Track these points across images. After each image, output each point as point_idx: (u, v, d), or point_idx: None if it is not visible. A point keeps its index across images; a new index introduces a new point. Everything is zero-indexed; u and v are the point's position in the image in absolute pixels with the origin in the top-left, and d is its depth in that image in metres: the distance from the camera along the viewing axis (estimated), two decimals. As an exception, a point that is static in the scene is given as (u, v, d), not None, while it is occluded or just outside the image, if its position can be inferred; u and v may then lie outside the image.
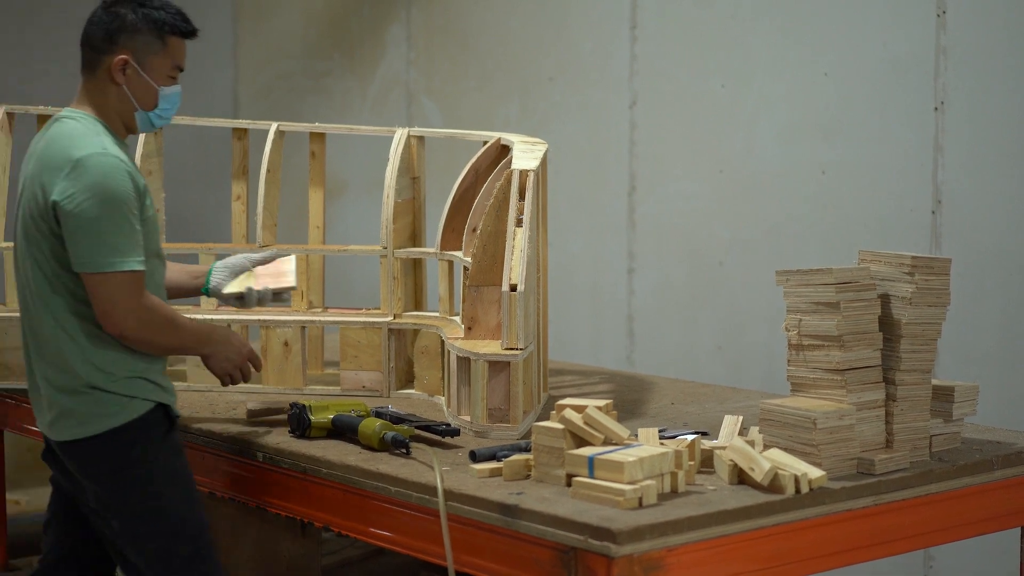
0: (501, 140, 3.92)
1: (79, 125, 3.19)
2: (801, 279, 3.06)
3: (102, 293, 3.08)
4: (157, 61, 3.25)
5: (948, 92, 4.61)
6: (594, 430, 2.93)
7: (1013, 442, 3.31)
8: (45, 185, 3.11)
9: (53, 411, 3.19)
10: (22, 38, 7.36)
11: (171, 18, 3.26)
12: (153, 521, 3.18)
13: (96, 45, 3.24)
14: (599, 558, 2.60)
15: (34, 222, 3.15)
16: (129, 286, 3.09)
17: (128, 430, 3.17)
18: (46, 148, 3.17)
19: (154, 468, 3.19)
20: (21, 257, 3.23)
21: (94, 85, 3.26)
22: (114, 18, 3.22)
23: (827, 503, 2.87)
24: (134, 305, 3.09)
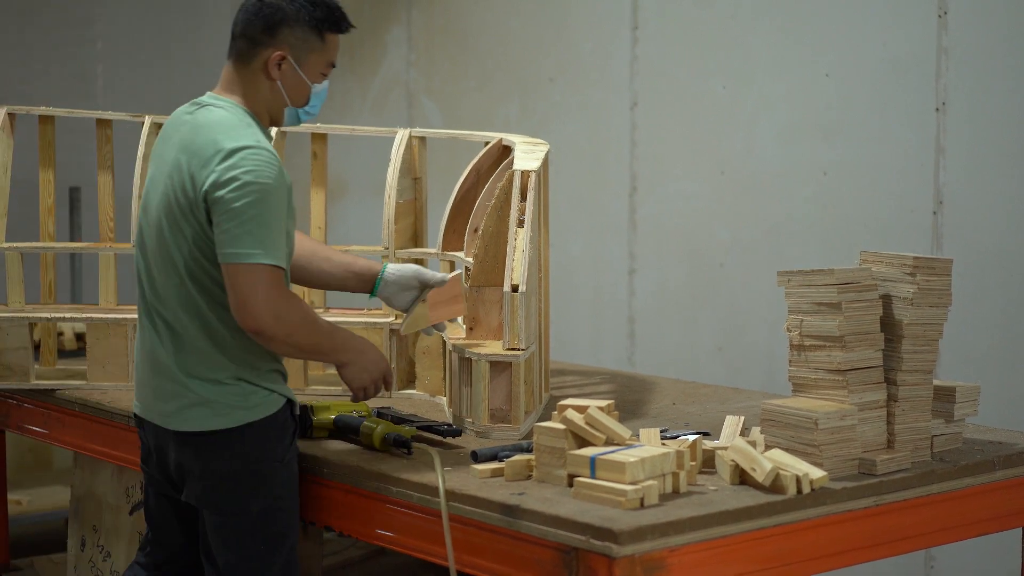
0: (503, 141, 3.93)
1: (228, 115, 3.12)
2: (803, 280, 3.06)
3: (241, 285, 2.99)
4: (313, 58, 3.19)
5: (949, 93, 4.62)
6: (596, 430, 2.93)
7: (1014, 442, 3.31)
8: (195, 175, 3.03)
9: (181, 401, 3.12)
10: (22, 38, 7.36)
11: (331, 15, 3.18)
12: (262, 523, 3.14)
13: (253, 36, 3.15)
14: (601, 558, 2.61)
15: (180, 210, 3.07)
16: (270, 281, 3.00)
17: (265, 425, 3.13)
18: (192, 135, 3.09)
19: (278, 468, 3.16)
20: (155, 244, 3.13)
21: (245, 75, 3.18)
22: (275, 11, 3.14)
23: (828, 503, 2.88)
24: (273, 300, 3.00)
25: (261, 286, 3.00)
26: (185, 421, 3.13)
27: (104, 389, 4.02)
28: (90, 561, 4.27)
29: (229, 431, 3.11)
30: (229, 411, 3.11)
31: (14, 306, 4.09)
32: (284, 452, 3.18)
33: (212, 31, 7.66)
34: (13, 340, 4.04)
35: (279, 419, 3.16)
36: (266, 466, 3.14)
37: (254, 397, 3.13)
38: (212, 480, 3.13)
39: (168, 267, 3.12)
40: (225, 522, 3.14)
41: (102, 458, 3.99)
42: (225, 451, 3.12)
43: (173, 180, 3.10)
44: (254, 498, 3.13)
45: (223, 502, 3.14)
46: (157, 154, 3.21)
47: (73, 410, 3.99)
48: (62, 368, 4.33)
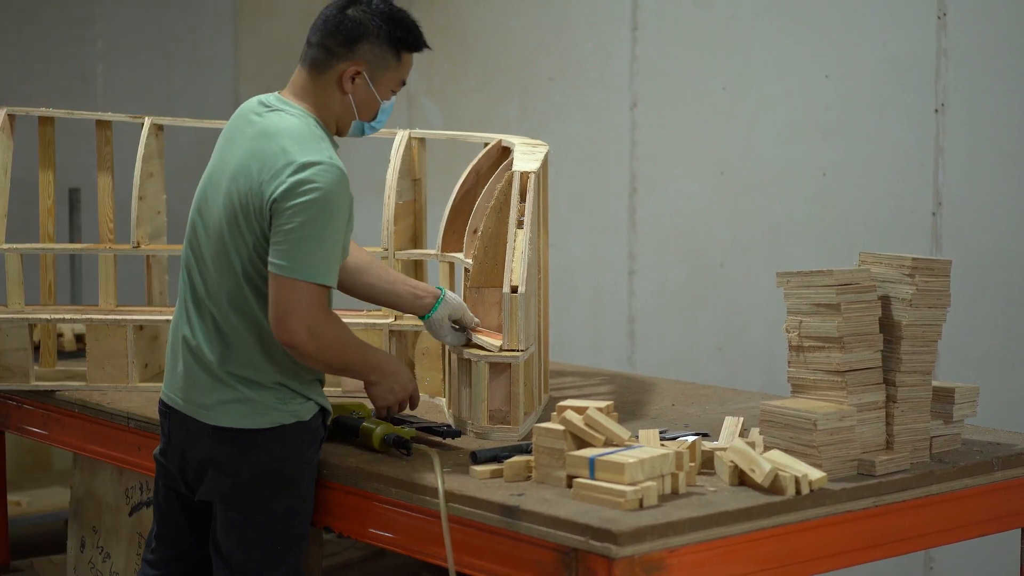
0: (502, 142, 3.93)
1: (300, 124, 3.11)
2: (802, 281, 3.07)
3: (283, 299, 3.01)
4: (388, 76, 3.21)
5: (949, 94, 4.62)
6: (595, 431, 2.93)
7: (1013, 443, 3.31)
8: (263, 184, 3.03)
9: (222, 395, 3.13)
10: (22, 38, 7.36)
11: (410, 35, 3.20)
12: (283, 523, 3.15)
13: (332, 48, 3.14)
14: (600, 559, 2.61)
15: (244, 214, 3.07)
16: (312, 299, 3.02)
17: (299, 429, 3.15)
18: (262, 140, 3.09)
19: (305, 472, 3.18)
20: (214, 243, 3.13)
21: (317, 84, 3.17)
22: (357, 25, 3.14)
23: (827, 504, 2.88)
24: (311, 318, 3.02)
25: (303, 303, 3.01)
26: (224, 416, 3.14)
27: (104, 390, 4.03)
28: (89, 562, 4.27)
29: (265, 431, 3.13)
30: (267, 412, 3.13)
31: (14, 307, 4.09)
32: (313, 456, 3.20)
33: (212, 31, 7.66)
34: (13, 341, 4.04)
35: (312, 425, 3.19)
36: (294, 468, 3.16)
37: (292, 402, 3.15)
38: (242, 477, 3.14)
39: (225, 267, 3.12)
40: (247, 520, 3.15)
41: (102, 459, 3.99)
42: (258, 450, 3.13)
43: (239, 183, 3.09)
44: (279, 499, 3.15)
45: (249, 500, 3.15)
46: (220, 153, 3.20)
47: (73, 411, 4.00)
48: (62, 369, 4.33)
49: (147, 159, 4.18)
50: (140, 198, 4.13)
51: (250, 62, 7.67)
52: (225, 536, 3.17)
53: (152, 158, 4.21)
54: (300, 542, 3.19)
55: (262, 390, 3.13)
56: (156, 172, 4.24)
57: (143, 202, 4.14)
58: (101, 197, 4.30)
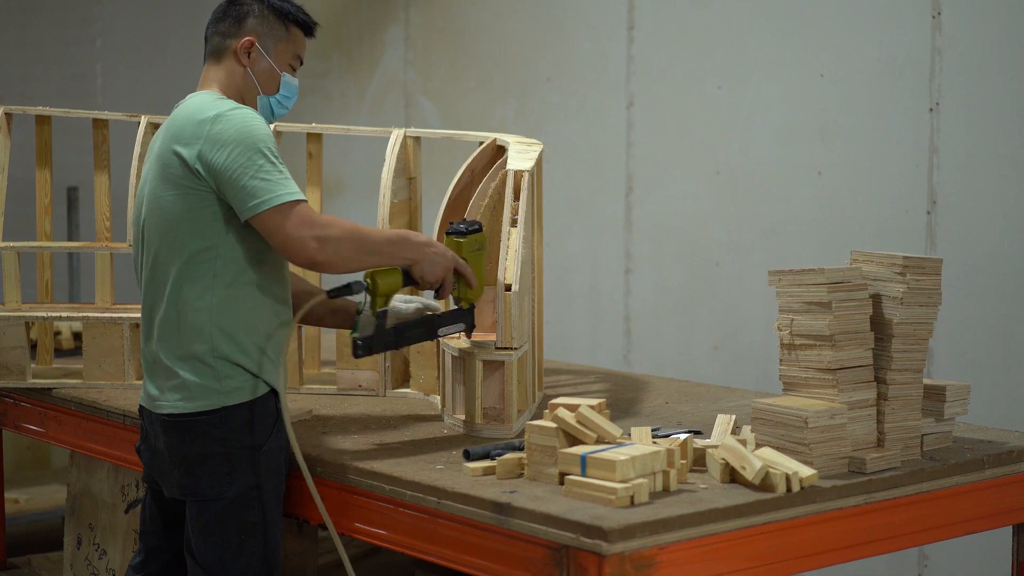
0: (497, 141, 3.94)
1: (202, 96, 3.25)
2: (793, 279, 3.08)
3: (275, 229, 3.08)
4: (281, 47, 3.36)
5: (943, 93, 4.63)
6: (587, 429, 2.94)
7: (1004, 441, 3.32)
8: (181, 151, 3.14)
9: (165, 383, 3.18)
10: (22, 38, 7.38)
11: (295, 9, 3.39)
12: (237, 510, 3.16)
13: (223, 31, 3.34)
14: (591, 556, 2.62)
15: (167, 188, 3.15)
16: (297, 216, 3.08)
17: (241, 411, 3.17)
18: (172, 124, 3.21)
19: (255, 455, 3.18)
20: (143, 235, 3.23)
21: (219, 70, 3.34)
22: (241, 6, 3.34)
23: (818, 502, 2.89)
24: (308, 229, 3.08)
25: (291, 221, 3.08)
26: (166, 404, 3.19)
27: (100, 388, 4.04)
28: (86, 559, 4.29)
29: (204, 414, 3.15)
30: (204, 394, 3.15)
31: (11, 305, 4.11)
32: (262, 440, 3.19)
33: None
34: (10, 339, 4.05)
35: (256, 407, 3.19)
36: (239, 452, 3.17)
37: (230, 382, 3.16)
38: (189, 464, 3.17)
39: (148, 254, 3.22)
40: (204, 509, 3.17)
41: (98, 457, 4.00)
42: (200, 434, 3.16)
43: (159, 165, 3.19)
44: (227, 484, 3.16)
45: (200, 487, 3.17)
46: (146, 164, 3.31)
47: (69, 409, 4.01)
48: (59, 367, 4.35)
49: (143, 157, 4.18)
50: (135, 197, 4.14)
51: (249, 62, 7.68)
52: (191, 530, 3.21)
53: (149, 157, 4.22)
54: (258, 532, 3.18)
55: (199, 368, 3.14)
56: (153, 171, 4.25)
57: (139, 201, 4.15)
58: (98, 196, 4.32)
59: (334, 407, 3.76)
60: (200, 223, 3.15)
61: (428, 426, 3.52)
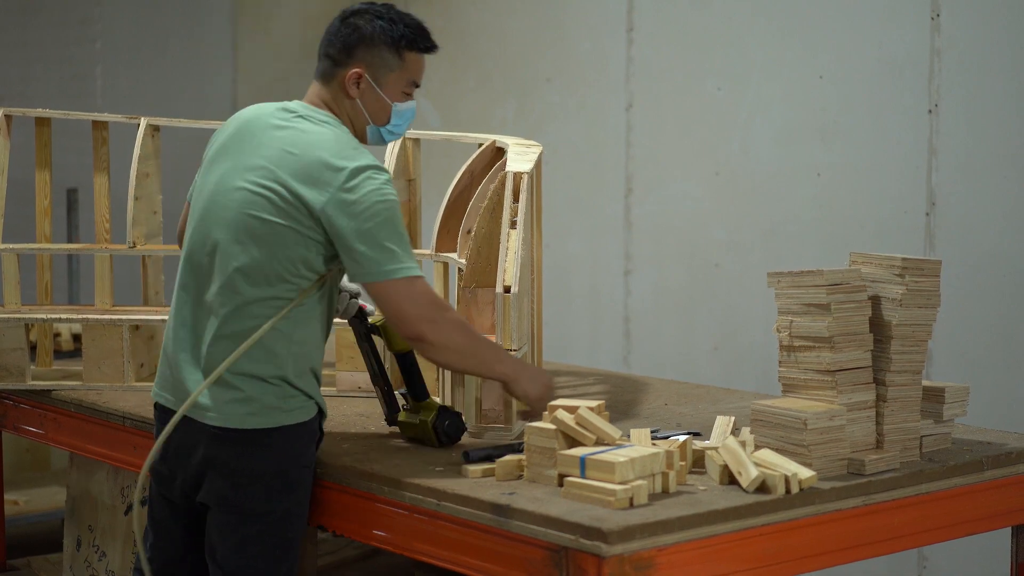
0: (496, 142, 3.94)
1: (334, 131, 3.13)
2: (792, 281, 3.08)
3: (392, 300, 3.06)
4: (393, 77, 3.21)
5: (942, 94, 4.63)
6: (586, 431, 2.94)
7: (1003, 443, 3.32)
8: (302, 192, 3.03)
9: (224, 395, 3.09)
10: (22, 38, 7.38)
11: (409, 33, 3.22)
12: (281, 526, 3.14)
13: (334, 56, 3.19)
14: (590, 557, 2.62)
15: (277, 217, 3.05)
16: (418, 290, 3.06)
17: (301, 430, 3.14)
18: (296, 147, 3.08)
19: (305, 475, 3.17)
20: (229, 243, 3.10)
21: (328, 93, 3.22)
22: (352, 31, 3.18)
23: (817, 503, 2.89)
24: (424, 307, 3.07)
25: (409, 296, 3.06)
26: (225, 417, 3.11)
27: (100, 390, 4.04)
28: (85, 561, 4.29)
29: (268, 431, 3.11)
30: (270, 412, 3.11)
31: (10, 307, 4.11)
32: (311, 459, 3.20)
33: (211, 32, 7.67)
34: (9, 341, 4.05)
35: (311, 426, 3.18)
36: (295, 471, 3.15)
37: (294, 401, 3.14)
38: (242, 479, 3.11)
39: (224, 263, 3.10)
40: (245, 524, 3.13)
41: (98, 458, 4.00)
42: (260, 451, 3.11)
43: (267, 187, 3.08)
44: (279, 502, 3.13)
45: (249, 503, 3.12)
46: (231, 150, 3.17)
47: (69, 411, 4.01)
48: (58, 369, 4.35)
49: (143, 160, 4.19)
50: (136, 198, 4.14)
51: (248, 63, 7.69)
52: (221, 541, 3.15)
53: (148, 159, 4.23)
54: (295, 546, 3.19)
55: (264, 387, 3.10)
56: (152, 172, 4.25)
57: (139, 202, 4.16)
58: (97, 197, 4.32)
59: (333, 408, 3.75)
60: (297, 256, 3.08)
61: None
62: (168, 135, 4.53)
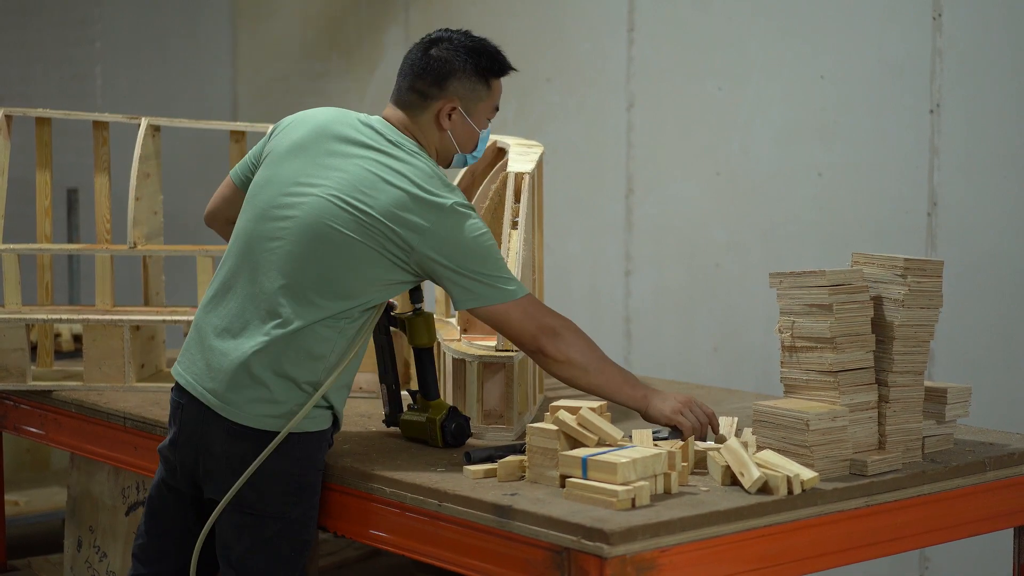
0: (497, 143, 3.94)
1: (424, 165, 3.12)
2: (794, 281, 3.08)
3: (513, 323, 3.10)
4: (481, 106, 3.23)
5: (943, 94, 4.63)
6: (588, 431, 2.94)
7: (1006, 443, 3.32)
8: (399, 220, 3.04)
9: (251, 392, 3.07)
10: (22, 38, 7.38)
11: (495, 62, 3.23)
12: (296, 529, 3.14)
13: (424, 90, 3.19)
14: (592, 559, 2.62)
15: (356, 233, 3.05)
16: (529, 310, 3.11)
17: (319, 437, 3.15)
18: (385, 171, 3.10)
19: (319, 479, 3.17)
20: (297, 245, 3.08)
21: (416, 125, 3.22)
22: (443, 64, 3.18)
23: (819, 504, 2.89)
24: (539, 321, 3.11)
25: (526, 320, 3.11)
26: (249, 415, 3.09)
27: (100, 390, 4.04)
28: (86, 561, 4.28)
29: (288, 435, 3.10)
30: (290, 416, 3.09)
31: (11, 307, 4.10)
32: (323, 464, 3.20)
33: (210, 32, 7.68)
34: (10, 341, 4.05)
35: (328, 433, 3.19)
36: (311, 475, 3.16)
37: (316, 408, 3.13)
38: (258, 480, 3.10)
39: (312, 275, 3.08)
40: (260, 525, 3.12)
41: (98, 459, 4.00)
42: (279, 453, 3.09)
43: (354, 206, 3.07)
44: (295, 505, 3.13)
45: (263, 504, 3.11)
46: (310, 151, 3.17)
47: (70, 411, 4.01)
48: (59, 369, 4.35)
49: (144, 160, 4.19)
50: (137, 198, 4.14)
51: (248, 63, 7.69)
52: (236, 541, 3.14)
53: (149, 159, 4.22)
54: (307, 548, 3.20)
55: (294, 391, 3.09)
56: (153, 173, 4.25)
57: (140, 202, 4.15)
58: (98, 198, 4.31)
59: (334, 409, 3.75)
60: (368, 276, 3.09)
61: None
62: (168, 135, 4.53)
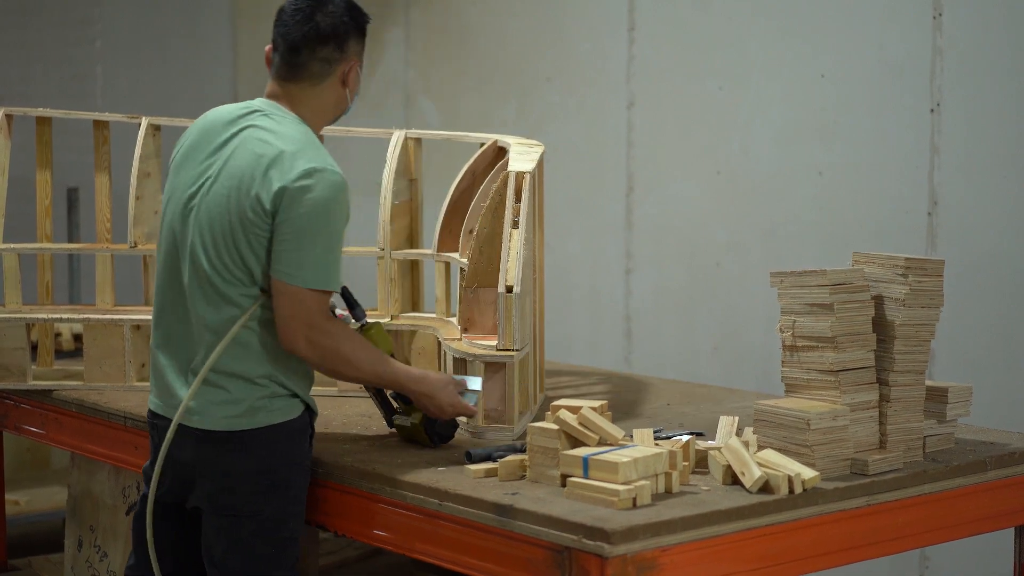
0: (498, 142, 3.94)
1: (299, 131, 3.14)
2: (795, 280, 3.08)
3: (285, 305, 3.05)
4: (363, 58, 3.31)
5: (944, 94, 4.63)
6: (589, 431, 2.94)
7: (1006, 443, 3.32)
8: (264, 188, 3.05)
9: (209, 396, 3.10)
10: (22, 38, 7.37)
11: (364, 16, 3.28)
12: (274, 527, 3.13)
13: (326, 56, 3.20)
14: (593, 558, 2.62)
15: (253, 215, 3.06)
16: (313, 306, 3.06)
17: (287, 429, 3.14)
18: (263, 147, 3.10)
19: (295, 474, 3.17)
20: (213, 243, 3.09)
21: (314, 93, 3.22)
22: (338, 27, 3.21)
23: (820, 503, 2.89)
24: (309, 327, 3.06)
25: (302, 310, 3.05)
26: (209, 419, 3.11)
27: (101, 390, 4.03)
28: (87, 561, 4.28)
29: (252, 432, 3.11)
30: (254, 412, 3.11)
31: (11, 307, 4.10)
32: (303, 458, 3.19)
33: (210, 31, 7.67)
34: (10, 341, 4.04)
35: (298, 424, 3.17)
36: (283, 470, 3.15)
37: (278, 400, 3.13)
38: (230, 481, 3.11)
39: (233, 268, 3.10)
40: (237, 525, 3.13)
41: (99, 458, 4.00)
42: (246, 452, 3.11)
43: (242, 187, 3.08)
44: (269, 502, 3.13)
45: (238, 504, 3.12)
46: (207, 151, 3.18)
47: (70, 410, 4.00)
48: (59, 368, 4.34)
49: (144, 159, 4.19)
50: (137, 198, 4.14)
51: (248, 63, 7.68)
52: (216, 542, 3.15)
53: (149, 158, 4.22)
54: (293, 545, 3.18)
55: (250, 387, 3.10)
56: (153, 172, 4.25)
57: (140, 202, 4.15)
58: (98, 197, 4.31)
59: (335, 408, 3.75)
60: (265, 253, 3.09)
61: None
62: (169, 135, 4.52)
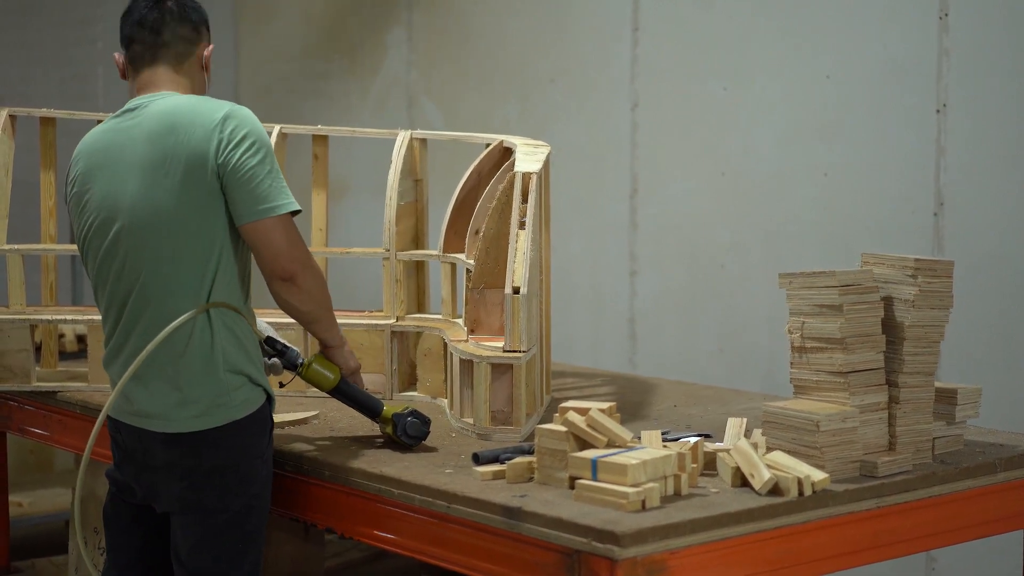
0: (504, 143, 3.93)
1: (184, 96, 3.19)
2: (804, 282, 3.07)
3: (277, 235, 3.07)
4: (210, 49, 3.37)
5: (950, 94, 4.62)
6: (597, 432, 2.93)
7: (1016, 444, 3.32)
8: (194, 152, 3.05)
9: (168, 399, 3.09)
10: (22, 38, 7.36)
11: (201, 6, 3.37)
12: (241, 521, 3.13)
13: (187, 36, 3.26)
14: (603, 561, 2.61)
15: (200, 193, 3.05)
16: (294, 228, 3.11)
17: (249, 422, 3.13)
18: (166, 124, 3.09)
19: (259, 467, 3.16)
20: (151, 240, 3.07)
21: (183, 74, 3.27)
22: (195, 11, 3.30)
23: (830, 505, 2.88)
24: (299, 245, 3.11)
25: (292, 232, 3.10)
26: (173, 422, 3.10)
27: (105, 391, 4.02)
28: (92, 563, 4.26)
29: (216, 429, 3.10)
30: (215, 410, 3.09)
31: (15, 308, 4.09)
32: (265, 450, 3.19)
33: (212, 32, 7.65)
34: (14, 342, 4.03)
35: (260, 415, 3.17)
36: (248, 464, 3.15)
37: (239, 393, 3.11)
38: (196, 478, 3.11)
39: (140, 265, 3.09)
40: (205, 521, 3.13)
41: (104, 460, 3.98)
42: (211, 449, 3.10)
43: (169, 172, 3.07)
44: (236, 497, 3.13)
45: (205, 500, 3.12)
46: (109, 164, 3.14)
47: (74, 412, 3.99)
48: (63, 370, 4.33)
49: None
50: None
51: (250, 64, 7.67)
52: (184, 540, 3.15)
53: (153, 159, 4.20)
54: (256, 539, 3.17)
55: (203, 385, 3.08)
56: (157, 173, 4.23)
57: (144, 203, 4.14)
58: (102, 198, 4.29)
59: (341, 410, 3.74)
60: (206, 230, 3.07)
61: (436, 429, 3.50)
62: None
